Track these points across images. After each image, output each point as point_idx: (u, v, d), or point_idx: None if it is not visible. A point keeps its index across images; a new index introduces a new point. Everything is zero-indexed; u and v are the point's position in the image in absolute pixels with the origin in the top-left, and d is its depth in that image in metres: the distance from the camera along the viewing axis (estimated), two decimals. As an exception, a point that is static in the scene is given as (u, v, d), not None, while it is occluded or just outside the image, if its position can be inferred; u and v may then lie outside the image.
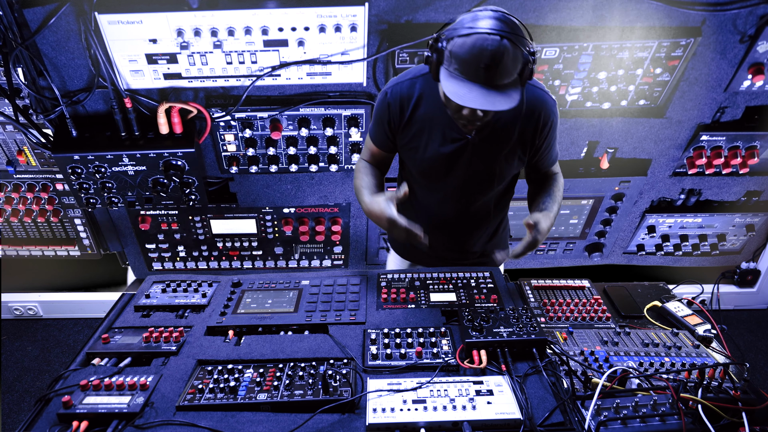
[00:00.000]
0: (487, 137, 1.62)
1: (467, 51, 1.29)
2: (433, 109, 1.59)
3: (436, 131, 1.62)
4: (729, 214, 2.88)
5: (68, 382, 1.33)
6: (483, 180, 1.73)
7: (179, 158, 2.29)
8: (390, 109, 1.63)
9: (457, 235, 1.91)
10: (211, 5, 2.00)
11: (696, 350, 1.49)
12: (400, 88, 1.62)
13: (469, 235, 1.92)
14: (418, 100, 1.60)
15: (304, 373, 1.33)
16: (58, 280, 3.22)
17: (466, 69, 1.31)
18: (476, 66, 1.29)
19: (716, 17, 2.10)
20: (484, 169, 1.69)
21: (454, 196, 1.77)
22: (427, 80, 1.59)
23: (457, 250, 1.96)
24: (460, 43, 1.31)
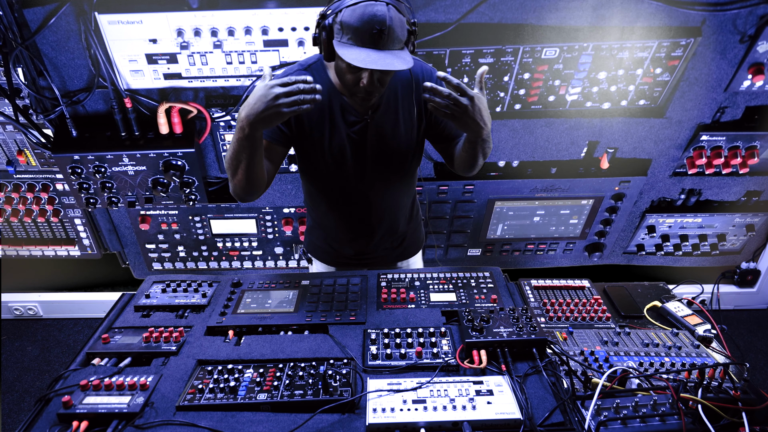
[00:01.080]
0: (384, 113, 1.63)
1: (358, 18, 1.32)
2: (328, 96, 1.58)
3: (335, 117, 1.61)
4: (729, 214, 2.88)
5: (68, 382, 1.33)
6: (389, 159, 1.71)
7: (179, 158, 2.30)
8: None
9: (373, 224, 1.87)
10: (211, 5, 2.00)
11: (696, 350, 1.49)
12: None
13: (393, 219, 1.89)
14: None
15: (304, 373, 1.33)
16: (58, 280, 3.22)
17: (359, 36, 1.33)
18: (369, 32, 1.32)
19: (716, 17, 2.10)
20: (390, 146, 1.68)
21: (364, 181, 1.74)
22: (316, 69, 1.59)
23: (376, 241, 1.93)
24: (349, 13, 1.33)
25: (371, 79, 1.42)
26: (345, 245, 1.96)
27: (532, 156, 2.60)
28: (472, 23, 2.12)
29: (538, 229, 2.89)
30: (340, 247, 1.98)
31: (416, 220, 2.06)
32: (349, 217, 1.86)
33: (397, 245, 2.02)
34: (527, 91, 2.35)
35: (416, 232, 2.09)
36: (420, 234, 2.13)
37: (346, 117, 1.61)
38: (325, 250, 2.03)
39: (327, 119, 1.62)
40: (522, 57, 2.22)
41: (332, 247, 1.99)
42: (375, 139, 1.66)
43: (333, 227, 1.92)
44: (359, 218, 1.85)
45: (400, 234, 1.99)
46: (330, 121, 1.62)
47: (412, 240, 2.07)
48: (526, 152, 2.58)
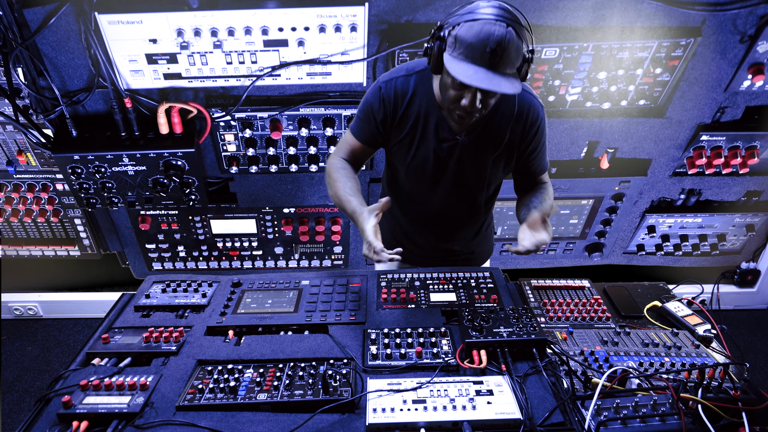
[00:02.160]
0: (477, 139, 1.62)
1: (474, 34, 1.29)
2: (427, 107, 1.58)
3: (427, 130, 1.61)
4: (729, 214, 2.88)
5: (68, 382, 1.33)
6: (470, 182, 1.73)
7: (179, 158, 2.29)
8: (384, 103, 1.59)
9: (441, 234, 1.89)
10: (211, 5, 2.00)
11: (696, 350, 1.49)
12: (395, 83, 1.59)
13: (454, 235, 1.91)
14: (413, 96, 1.58)
15: (304, 373, 1.33)
16: (58, 280, 3.22)
17: (471, 52, 1.30)
18: (482, 50, 1.29)
19: (716, 17, 2.10)
20: (473, 171, 1.69)
21: (441, 197, 1.76)
22: (421, 77, 1.58)
23: (441, 249, 1.95)
24: (467, 27, 1.31)
25: (473, 100, 1.39)
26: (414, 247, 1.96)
27: (532, 156, 2.60)
28: (472, 23, 2.12)
29: (538, 229, 2.89)
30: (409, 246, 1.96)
31: (483, 236, 2.02)
32: (415, 221, 1.88)
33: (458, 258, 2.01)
34: (527, 91, 2.34)
35: (482, 245, 2.05)
36: (487, 247, 2.10)
37: (439, 132, 1.60)
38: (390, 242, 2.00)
39: (420, 129, 1.61)
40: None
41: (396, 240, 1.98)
42: (460, 161, 1.66)
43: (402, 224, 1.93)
44: (425, 225, 1.87)
45: (460, 250, 1.99)
46: (422, 132, 1.61)
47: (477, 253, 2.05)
48: (526, 152, 2.58)
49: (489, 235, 2.08)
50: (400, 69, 1.63)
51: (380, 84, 1.61)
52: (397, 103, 1.59)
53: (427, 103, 1.57)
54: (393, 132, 1.65)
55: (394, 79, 1.60)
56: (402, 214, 1.89)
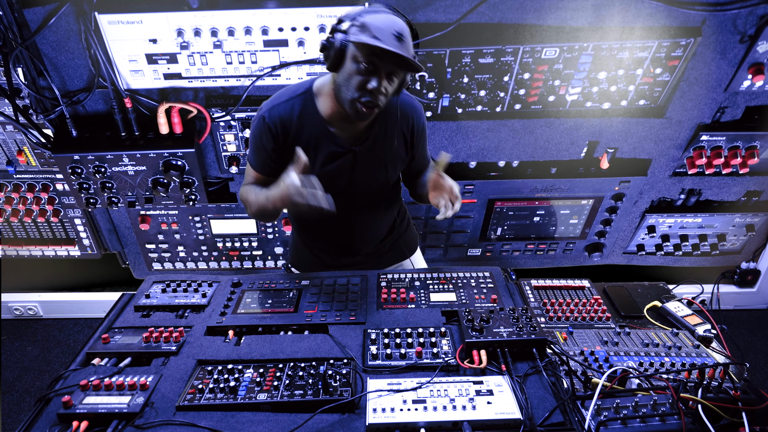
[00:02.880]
0: (372, 146, 1.65)
1: (381, 21, 1.37)
2: (315, 127, 1.59)
3: (321, 147, 1.62)
4: (729, 214, 2.88)
5: (68, 382, 1.33)
6: (373, 187, 1.75)
7: (179, 158, 2.30)
8: (271, 132, 1.58)
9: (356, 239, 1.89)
10: (211, 5, 2.00)
11: (696, 350, 1.49)
12: (278, 111, 1.58)
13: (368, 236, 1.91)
14: (299, 119, 1.58)
15: (304, 373, 1.33)
16: (58, 280, 3.22)
17: (379, 34, 1.36)
18: (389, 32, 1.36)
19: (716, 17, 2.11)
20: (375, 176, 1.71)
21: (347, 210, 1.75)
22: (303, 100, 1.59)
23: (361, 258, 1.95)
24: (371, 17, 1.38)
25: (380, 80, 1.42)
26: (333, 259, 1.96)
27: (532, 156, 2.60)
28: (472, 23, 2.12)
29: (538, 229, 2.89)
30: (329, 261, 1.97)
31: (400, 229, 2.03)
32: (332, 240, 1.88)
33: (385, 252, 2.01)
34: (527, 91, 2.35)
35: (404, 236, 2.06)
36: (411, 237, 2.11)
37: (332, 149, 1.62)
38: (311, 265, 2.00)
39: (313, 148, 1.62)
40: (522, 57, 2.22)
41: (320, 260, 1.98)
42: (361, 170, 1.68)
43: (318, 247, 1.94)
44: (342, 242, 1.88)
45: (383, 249, 1.99)
46: (315, 151, 1.62)
47: (402, 243, 2.06)
48: (526, 152, 2.58)
49: (407, 227, 2.09)
50: (279, 96, 1.62)
51: (263, 114, 1.59)
52: (284, 129, 1.58)
53: (314, 124, 1.59)
54: (287, 158, 1.62)
55: (276, 107, 1.58)
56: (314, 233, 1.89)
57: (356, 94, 1.44)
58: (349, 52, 1.41)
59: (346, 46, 1.41)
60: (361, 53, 1.39)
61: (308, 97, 1.59)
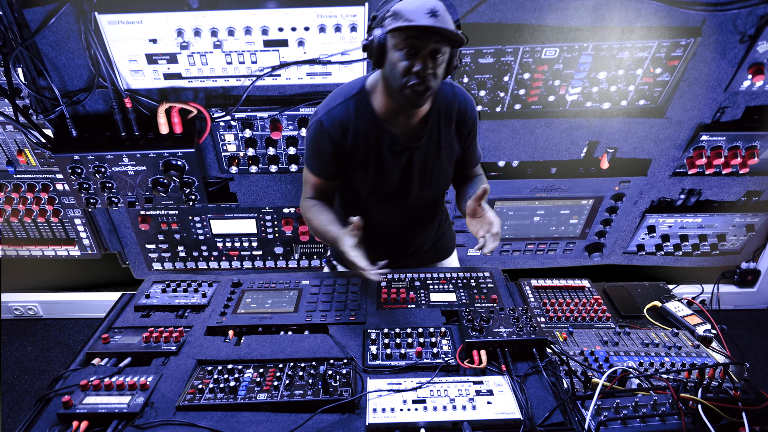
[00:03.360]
0: (429, 140, 1.64)
1: (412, 4, 1.36)
2: (372, 127, 1.59)
3: (381, 148, 1.61)
4: (729, 214, 2.88)
5: (68, 382, 1.33)
6: (434, 183, 1.75)
7: (179, 158, 2.30)
8: (331, 136, 1.58)
9: (408, 239, 1.90)
10: (211, 5, 2.00)
11: (696, 350, 1.50)
12: (336, 113, 1.58)
13: (419, 235, 1.92)
14: (356, 121, 1.58)
15: (304, 373, 1.33)
16: (58, 280, 3.22)
17: (413, 16, 1.34)
18: (422, 12, 1.34)
19: (716, 17, 2.10)
20: (436, 172, 1.71)
21: (407, 205, 1.76)
22: (357, 100, 1.59)
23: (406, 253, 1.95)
24: (402, 3, 1.37)
25: (425, 62, 1.39)
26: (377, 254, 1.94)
27: (532, 156, 2.60)
28: (472, 23, 2.12)
29: (538, 229, 2.89)
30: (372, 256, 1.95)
31: (444, 227, 2.05)
32: (381, 238, 1.86)
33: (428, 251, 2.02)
34: (527, 91, 2.35)
35: (445, 236, 2.08)
36: (450, 238, 2.13)
37: (392, 147, 1.61)
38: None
39: (372, 153, 1.61)
40: (522, 57, 2.22)
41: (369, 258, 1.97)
42: (419, 168, 1.67)
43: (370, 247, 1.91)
44: (396, 241, 1.87)
45: (430, 245, 2.00)
46: (375, 155, 1.62)
47: (442, 244, 2.07)
48: (526, 152, 2.58)
49: (449, 226, 2.11)
50: (334, 98, 1.62)
51: (320, 118, 1.59)
52: (343, 131, 1.58)
53: (371, 123, 1.58)
54: (347, 160, 1.64)
55: (333, 110, 1.58)
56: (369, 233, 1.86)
57: (403, 80, 1.43)
58: (389, 43, 1.41)
59: (385, 37, 1.41)
60: (400, 39, 1.38)
61: (362, 96, 1.59)
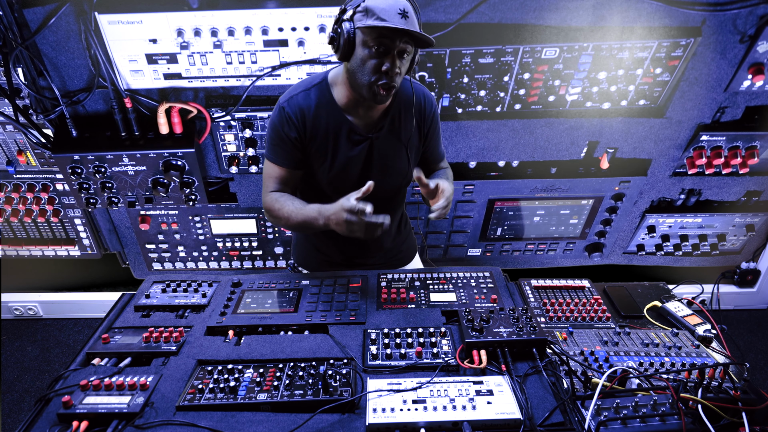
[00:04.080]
0: (388, 132, 1.66)
1: (383, 2, 1.38)
2: (332, 116, 1.60)
3: (339, 136, 1.62)
4: (729, 214, 2.88)
5: (68, 382, 1.33)
6: (394, 175, 1.75)
7: (179, 158, 2.30)
8: (292, 120, 1.59)
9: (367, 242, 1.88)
10: (211, 5, 2.00)
11: (696, 350, 1.49)
12: (296, 100, 1.59)
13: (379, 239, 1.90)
14: (317, 109, 1.59)
15: (304, 373, 1.33)
16: (58, 280, 3.22)
17: (385, 15, 1.38)
18: (394, 11, 1.38)
19: (716, 17, 2.11)
20: (394, 164, 1.71)
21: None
22: (319, 89, 1.60)
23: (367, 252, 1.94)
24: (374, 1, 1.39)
25: (393, 60, 1.43)
26: (343, 255, 1.95)
27: (532, 156, 2.60)
28: (472, 23, 2.12)
29: (538, 229, 2.89)
30: (338, 259, 1.96)
31: (405, 231, 2.06)
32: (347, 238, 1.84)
33: (390, 258, 2.02)
34: (527, 91, 2.35)
35: (407, 241, 2.09)
36: (411, 243, 2.13)
37: (351, 137, 1.63)
38: (319, 262, 1.98)
39: (331, 141, 1.62)
40: (522, 57, 2.22)
41: (327, 258, 1.96)
42: (379, 158, 1.68)
43: (326, 243, 1.92)
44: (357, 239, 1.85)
45: (392, 248, 2.00)
46: (334, 142, 1.63)
47: (405, 247, 2.07)
48: (526, 152, 2.58)
49: (409, 230, 2.11)
50: (295, 88, 1.63)
51: (282, 105, 1.60)
52: (304, 118, 1.59)
53: (331, 113, 1.60)
54: (308, 146, 1.64)
55: (294, 97, 1.60)
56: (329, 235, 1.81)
57: (372, 78, 1.46)
58: (359, 39, 1.43)
59: (355, 33, 1.43)
60: (371, 37, 1.41)
61: (324, 86, 1.61)
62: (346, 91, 1.58)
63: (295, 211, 1.62)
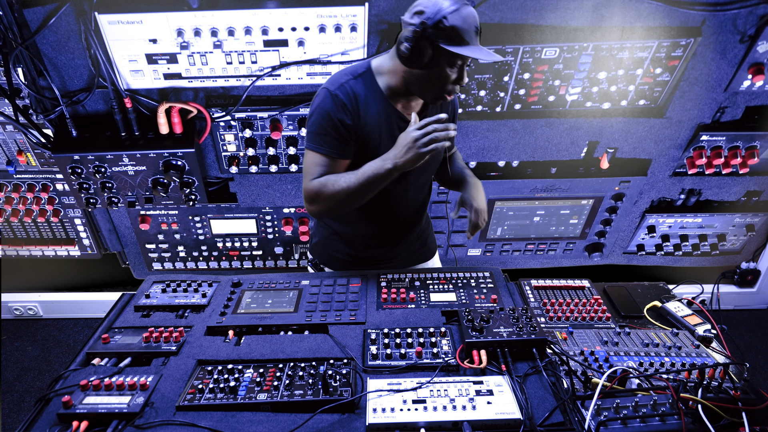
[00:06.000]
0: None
1: (463, 19, 1.42)
2: (381, 105, 1.60)
3: (389, 123, 1.62)
4: (729, 214, 2.88)
5: (68, 382, 1.33)
6: (433, 163, 1.80)
7: (179, 158, 2.30)
8: (347, 107, 1.54)
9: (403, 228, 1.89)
10: (211, 5, 2.00)
11: (696, 350, 1.49)
12: (348, 87, 1.55)
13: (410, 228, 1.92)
14: (366, 97, 1.57)
15: (304, 373, 1.33)
16: (58, 280, 3.22)
17: (468, 36, 1.44)
18: (473, 31, 1.45)
19: (716, 17, 2.10)
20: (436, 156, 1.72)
21: (404, 187, 1.75)
22: (366, 79, 1.59)
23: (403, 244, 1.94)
24: (455, 17, 1.41)
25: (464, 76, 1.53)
26: (369, 251, 1.93)
27: (532, 156, 2.60)
28: (472, 23, 2.12)
29: (538, 229, 2.89)
30: (363, 254, 1.93)
31: (428, 221, 2.09)
32: (379, 223, 1.84)
33: (418, 248, 2.02)
34: (527, 91, 2.35)
35: (431, 232, 2.11)
36: (433, 235, 2.14)
37: (399, 125, 1.63)
38: (342, 260, 1.96)
39: (380, 129, 1.61)
40: (522, 57, 2.22)
41: (352, 255, 1.94)
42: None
43: (359, 235, 1.88)
44: (391, 224, 1.85)
45: (420, 236, 2.01)
46: (385, 130, 1.61)
47: (430, 241, 2.09)
48: (526, 152, 2.58)
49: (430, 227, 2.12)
50: (341, 75, 1.59)
51: (333, 92, 1.54)
52: (357, 104, 1.56)
53: (380, 99, 1.60)
54: (359, 135, 1.60)
55: (345, 84, 1.56)
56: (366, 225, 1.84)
57: (448, 88, 1.53)
58: (443, 57, 1.46)
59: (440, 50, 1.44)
60: (455, 59, 1.47)
61: (369, 76, 1.59)
62: (391, 82, 1.58)
63: (353, 176, 1.54)
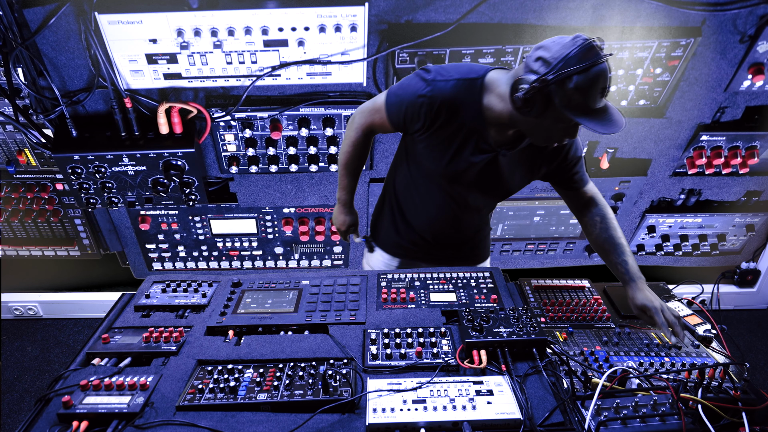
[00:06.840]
0: (516, 157, 1.62)
1: (591, 81, 1.29)
2: (471, 116, 1.52)
3: (469, 139, 1.57)
4: (729, 214, 2.88)
5: (68, 382, 1.33)
6: (495, 192, 1.76)
7: (179, 158, 2.30)
8: (429, 114, 1.52)
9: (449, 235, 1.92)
10: (211, 5, 2.00)
11: (696, 350, 1.49)
12: (444, 88, 1.50)
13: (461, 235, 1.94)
14: (460, 105, 1.51)
15: (304, 373, 1.33)
16: (58, 280, 3.22)
17: (592, 99, 1.32)
18: (599, 92, 1.32)
19: (716, 17, 2.10)
20: (502, 182, 1.70)
21: (461, 201, 1.77)
22: (471, 85, 1.51)
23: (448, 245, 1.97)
24: (583, 78, 1.29)
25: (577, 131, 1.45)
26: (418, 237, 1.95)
27: (532, 156, 2.60)
28: (472, 23, 2.12)
29: (538, 229, 2.89)
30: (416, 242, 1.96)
31: (482, 234, 2.07)
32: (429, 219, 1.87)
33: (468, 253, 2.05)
34: (527, 91, 2.34)
35: (481, 244, 2.09)
36: (485, 247, 2.13)
37: (479, 143, 1.57)
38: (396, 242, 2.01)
39: (461, 137, 1.57)
40: (522, 57, 2.22)
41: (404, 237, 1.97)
42: (495, 173, 1.65)
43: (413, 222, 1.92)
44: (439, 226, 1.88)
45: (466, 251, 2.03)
46: (462, 140, 1.58)
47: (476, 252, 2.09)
48: (526, 152, 2.58)
49: (486, 232, 2.11)
50: (452, 71, 1.53)
51: (431, 84, 1.50)
52: (441, 110, 1.51)
53: (472, 113, 1.52)
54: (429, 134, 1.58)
55: (445, 83, 1.50)
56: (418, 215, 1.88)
57: (554, 141, 1.48)
58: (559, 112, 1.34)
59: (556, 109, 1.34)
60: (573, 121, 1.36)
61: (478, 87, 1.51)
62: (497, 107, 1.49)
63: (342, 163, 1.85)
